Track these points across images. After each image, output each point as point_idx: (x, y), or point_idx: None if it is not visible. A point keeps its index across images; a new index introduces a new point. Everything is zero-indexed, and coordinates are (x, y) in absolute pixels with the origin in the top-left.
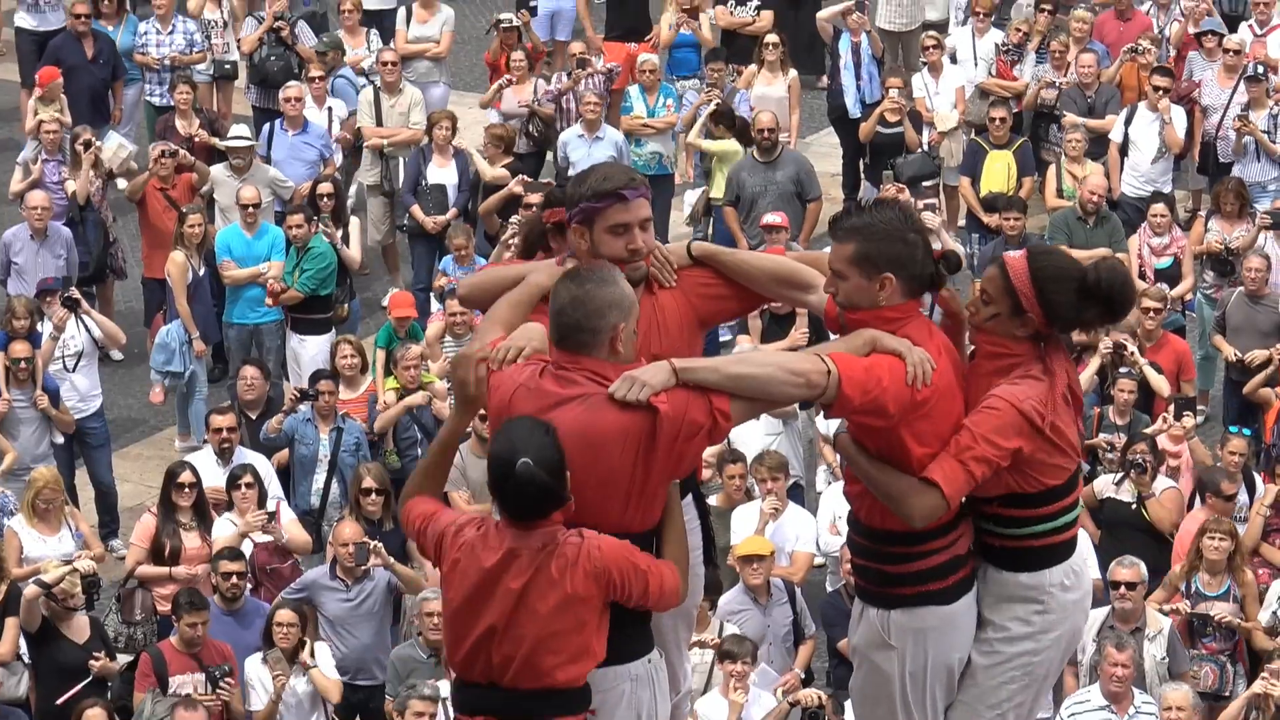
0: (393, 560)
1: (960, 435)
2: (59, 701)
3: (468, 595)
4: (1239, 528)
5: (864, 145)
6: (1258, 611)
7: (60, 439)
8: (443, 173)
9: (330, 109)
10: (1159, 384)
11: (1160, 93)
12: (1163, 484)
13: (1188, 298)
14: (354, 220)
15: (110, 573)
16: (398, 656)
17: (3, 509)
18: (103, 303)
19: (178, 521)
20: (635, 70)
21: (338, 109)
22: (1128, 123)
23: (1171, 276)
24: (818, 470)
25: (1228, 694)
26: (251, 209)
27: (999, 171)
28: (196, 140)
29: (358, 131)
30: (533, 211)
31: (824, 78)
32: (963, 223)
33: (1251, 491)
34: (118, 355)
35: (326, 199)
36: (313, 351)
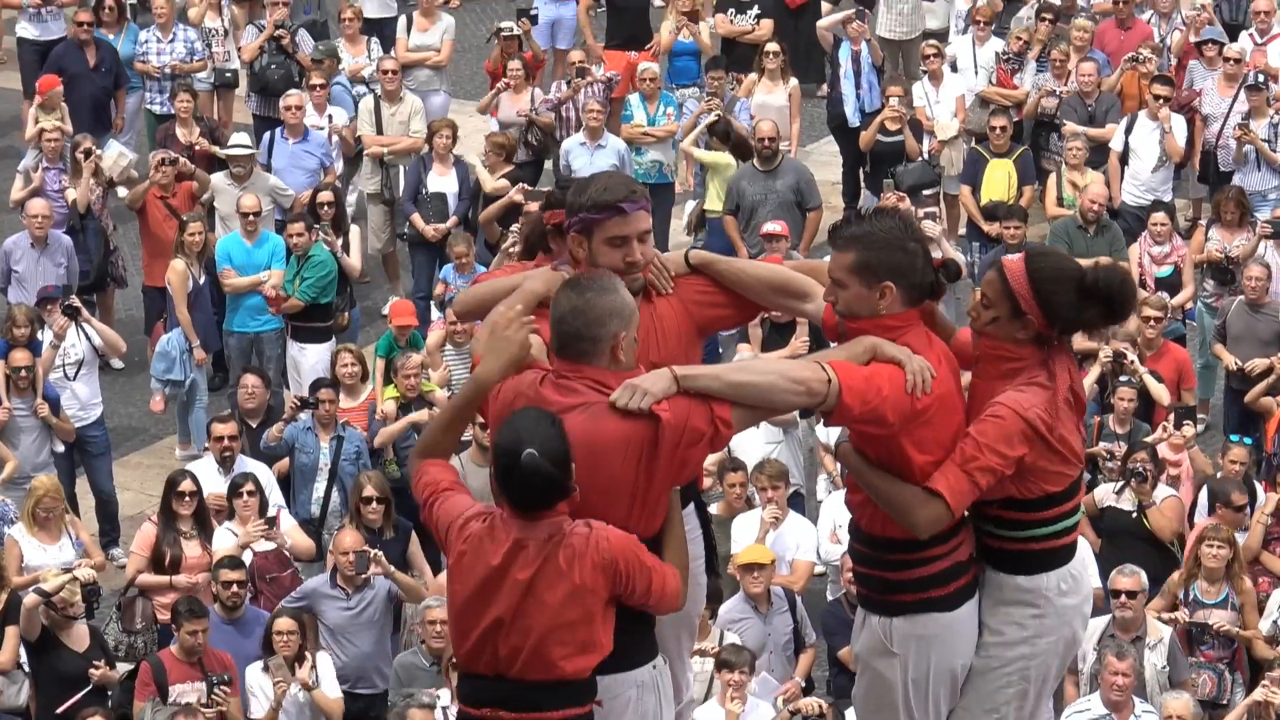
0: (393, 569)
1: (965, 444)
2: (59, 710)
3: (474, 587)
4: (1238, 535)
5: (864, 154)
6: (1256, 619)
7: (61, 447)
8: (443, 181)
9: (330, 116)
10: (1159, 393)
11: (1160, 101)
12: (1163, 492)
13: (1188, 306)
14: (354, 228)
15: (111, 581)
16: (400, 664)
17: (3, 517)
18: (103, 311)
19: (178, 530)
20: (635, 79)
21: (337, 116)
22: (1128, 131)
23: (1172, 285)
24: (818, 479)
25: (1225, 702)
26: (252, 217)
27: (999, 180)
28: (197, 148)
29: (357, 139)
30: (534, 212)
31: (824, 86)
32: (963, 231)
33: (1252, 500)
34: (118, 364)
35: (327, 207)
36: (313, 360)
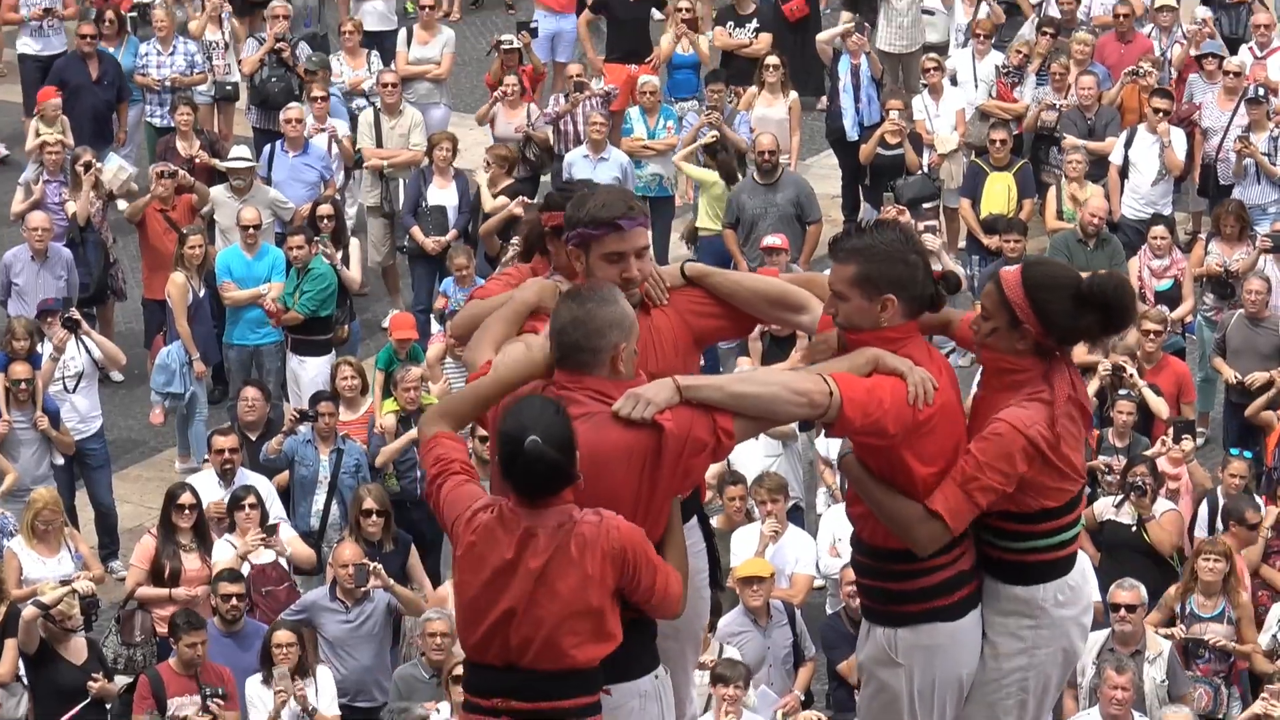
0: (392, 582)
1: (965, 462)
2: None
3: (486, 578)
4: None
5: (863, 167)
6: (1253, 633)
7: (60, 460)
8: (443, 194)
9: (333, 128)
10: (1158, 406)
11: (1160, 115)
12: (1163, 506)
13: (1188, 320)
14: (354, 241)
15: (110, 594)
16: (400, 677)
17: (2, 530)
18: (103, 324)
19: (178, 543)
20: (635, 92)
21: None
22: (1128, 145)
23: (1172, 299)
24: (818, 492)
25: (1221, 716)
26: (252, 230)
27: (999, 193)
28: (197, 161)
29: (357, 152)
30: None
31: (823, 99)
32: (963, 244)
33: None
34: (118, 376)
35: (327, 220)
36: (313, 373)
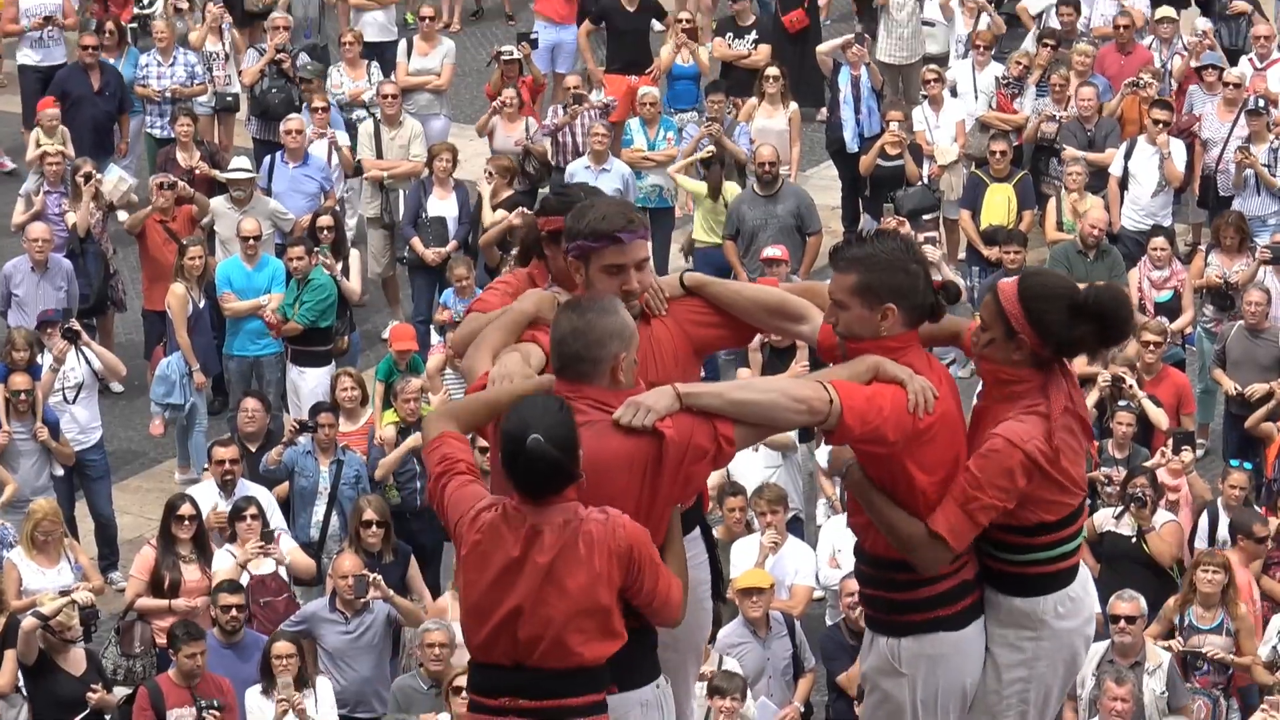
0: (392, 593)
1: (965, 480)
2: None
3: (493, 576)
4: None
5: (863, 178)
6: (1252, 645)
7: (60, 471)
8: (443, 205)
9: (333, 134)
10: (1158, 417)
11: (1160, 126)
12: (1163, 518)
13: (1187, 331)
14: (354, 252)
15: (110, 605)
16: (399, 688)
17: (2, 541)
18: (103, 335)
19: (177, 554)
20: (636, 103)
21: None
22: (1127, 156)
23: (1171, 310)
24: (817, 503)
25: None
26: (252, 241)
27: (999, 205)
28: (197, 172)
29: (357, 163)
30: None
31: (823, 111)
32: (963, 256)
33: None
34: (118, 387)
35: (326, 231)
36: (312, 384)
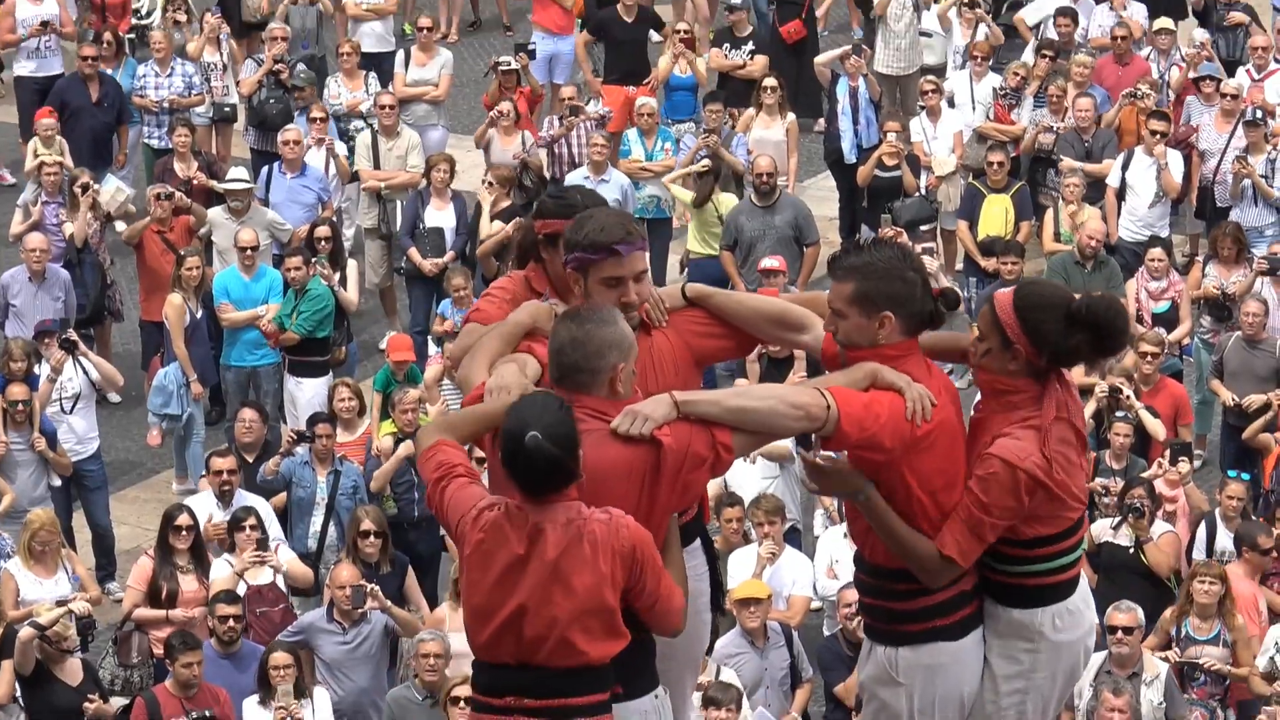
0: (389, 603)
1: (970, 501)
2: None
3: (497, 575)
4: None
5: (860, 189)
6: (1249, 656)
7: (57, 481)
8: (440, 215)
9: (330, 140)
10: (1155, 428)
11: (1157, 137)
12: (1161, 528)
13: (1185, 342)
14: (351, 263)
15: (107, 615)
16: (393, 699)
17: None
18: (100, 345)
19: (175, 564)
20: (633, 114)
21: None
22: (1125, 167)
23: (1169, 321)
24: (815, 514)
25: None
26: (250, 251)
27: (996, 215)
28: (195, 183)
29: (354, 174)
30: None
31: (820, 121)
32: (960, 267)
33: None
34: (115, 398)
35: (324, 242)
36: (310, 394)
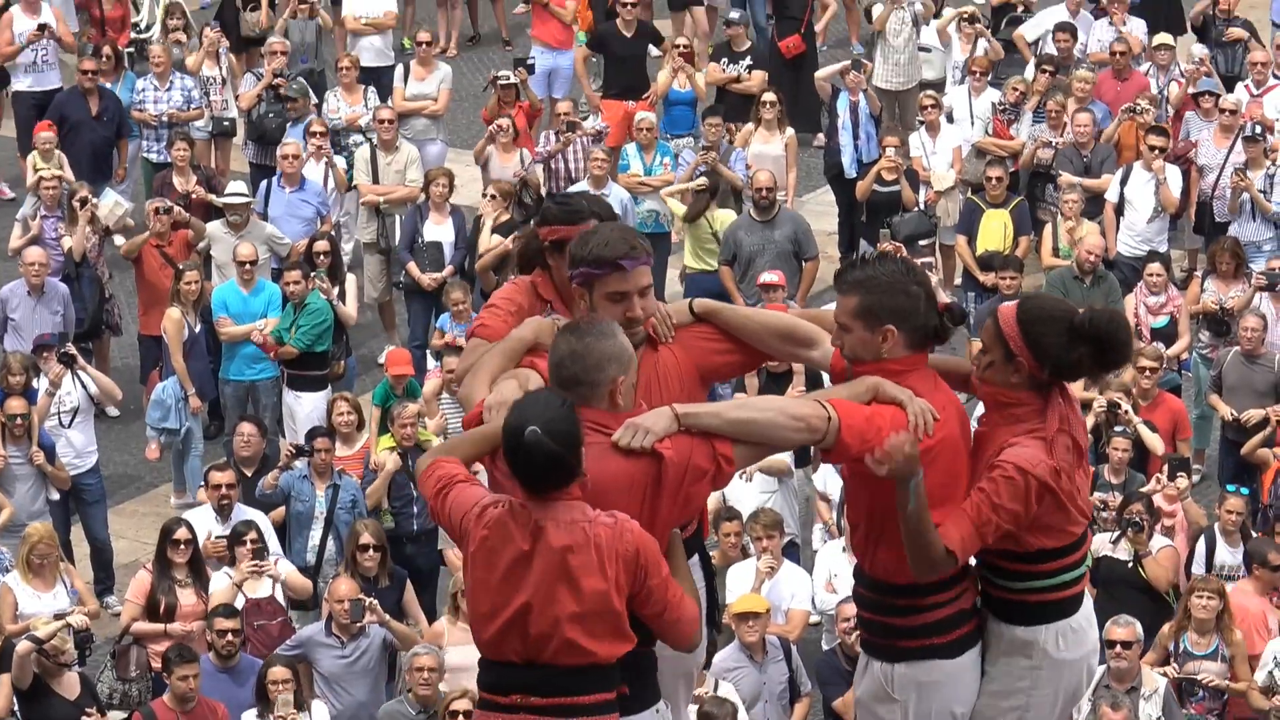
0: (388, 617)
1: (979, 500)
2: None
3: (502, 572)
4: (1230, 586)
5: (859, 204)
6: (1247, 671)
7: (56, 495)
8: (439, 230)
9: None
10: (1153, 443)
11: (1156, 152)
12: (1159, 542)
13: (1183, 357)
14: (350, 277)
15: (105, 629)
16: (386, 714)
17: None
18: (99, 359)
19: (173, 578)
20: (632, 128)
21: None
22: (1123, 182)
23: (1167, 335)
24: (813, 528)
25: None
26: (248, 266)
27: (995, 230)
28: (194, 197)
29: (350, 182)
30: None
31: (820, 136)
32: (959, 281)
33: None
34: (114, 411)
35: (323, 256)
36: (308, 408)
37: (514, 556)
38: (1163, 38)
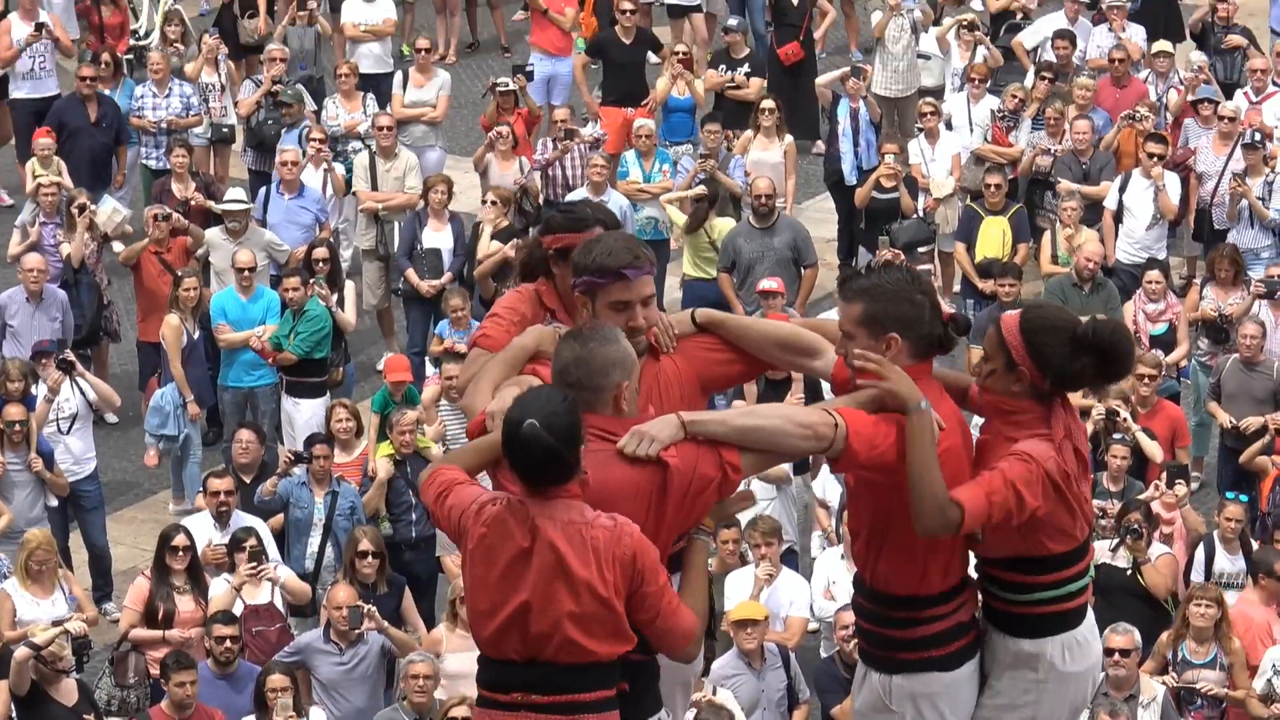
0: (387, 624)
1: (991, 475)
2: None
3: (500, 570)
4: (1229, 595)
5: (858, 210)
6: (1246, 679)
7: (54, 502)
8: (438, 237)
9: (327, 154)
10: (1152, 450)
11: (1154, 159)
12: (1158, 550)
13: (1182, 364)
14: (349, 284)
15: (104, 636)
16: None
17: None
18: (98, 365)
19: (171, 585)
20: (631, 135)
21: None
22: (1122, 189)
23: (1166, 343)
24: (812, 535)
25: None
26: (247, 272)
27: (994, 237)
28: (193, 203)
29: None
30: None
31: (819, 143)
32: (958, 289)
33: (1249, 557)
34: (112, 418)
35: (322, 263)
36: (307, 415)
37: (513, 554)
38: (1162, 45)
